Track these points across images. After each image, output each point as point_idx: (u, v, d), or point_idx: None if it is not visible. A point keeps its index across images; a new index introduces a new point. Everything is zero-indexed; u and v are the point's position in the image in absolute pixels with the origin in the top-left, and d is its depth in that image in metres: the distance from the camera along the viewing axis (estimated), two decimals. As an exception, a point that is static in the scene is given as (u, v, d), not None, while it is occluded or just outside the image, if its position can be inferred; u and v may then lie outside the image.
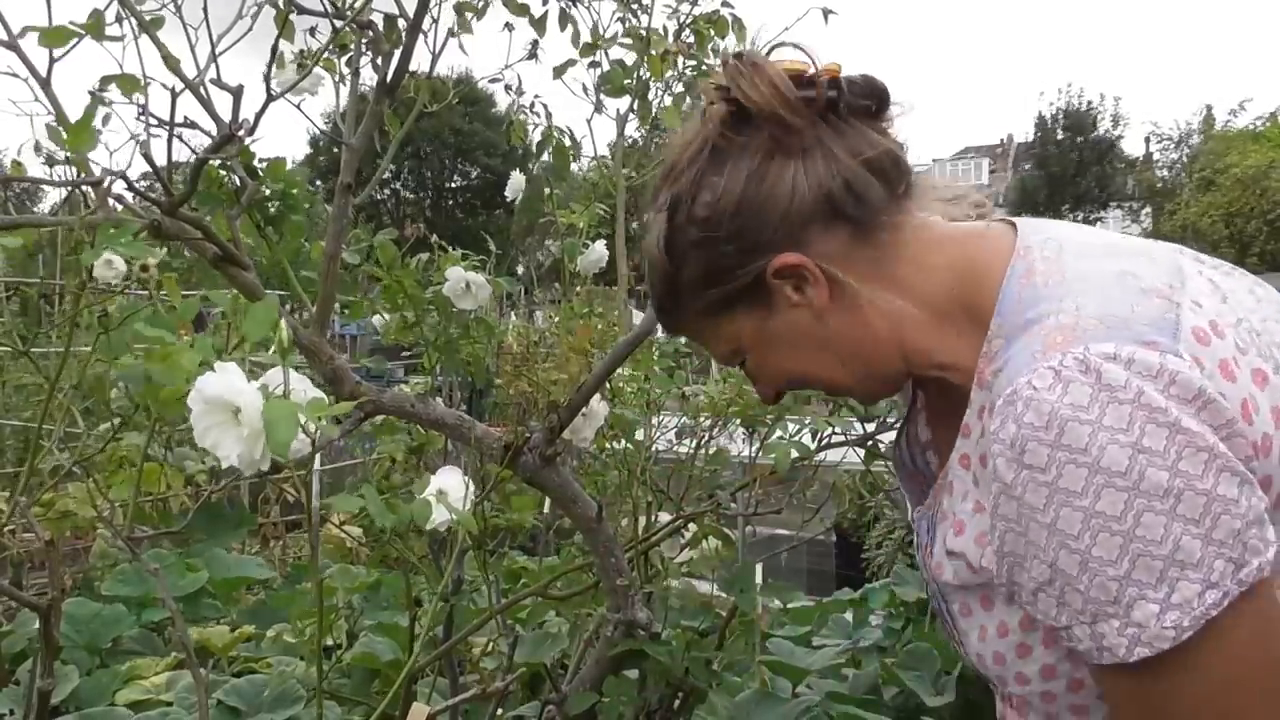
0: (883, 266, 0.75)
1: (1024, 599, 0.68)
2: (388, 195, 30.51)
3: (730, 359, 0.84)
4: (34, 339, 1.41)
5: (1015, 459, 0.63)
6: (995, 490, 0.65)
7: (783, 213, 0.74)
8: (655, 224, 0.80)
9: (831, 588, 3.43)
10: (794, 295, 0.76)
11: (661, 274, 0.80)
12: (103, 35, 1.00)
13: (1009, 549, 0.66)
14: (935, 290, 0.75)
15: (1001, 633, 0.74)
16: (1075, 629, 0.64)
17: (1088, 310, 0.65)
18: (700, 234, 0.76)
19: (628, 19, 1.87)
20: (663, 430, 1.85)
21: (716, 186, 0.75)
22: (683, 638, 1.66)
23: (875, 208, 0.75)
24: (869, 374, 0.79)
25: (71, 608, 2.09)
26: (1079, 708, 0.74)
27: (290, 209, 1.16)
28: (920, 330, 0.76)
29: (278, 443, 0.70)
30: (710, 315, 0.80)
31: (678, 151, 0.79)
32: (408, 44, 1.15)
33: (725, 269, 0.76)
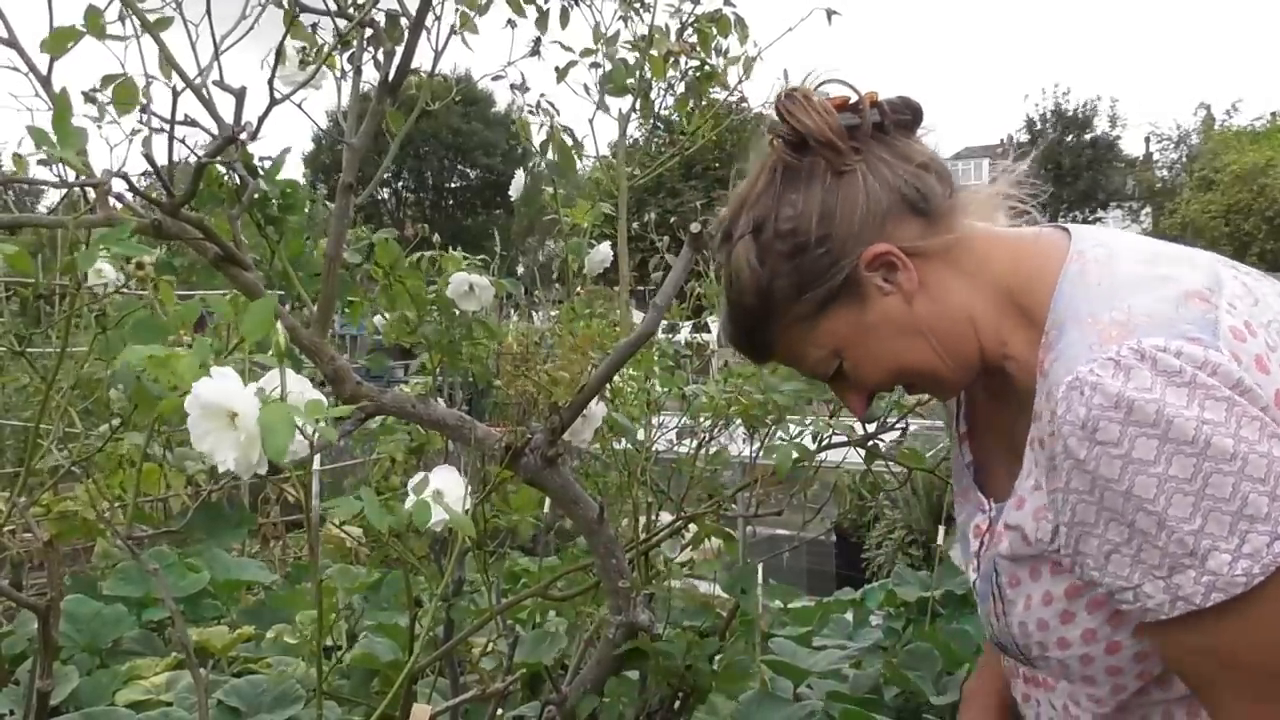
0: (952, 260, 0.83)
1: (1091, 566, 0.74)
2: (388, 195, 30.50)
3: (826, 364, 0.87)
4: (29, 339, 1.41)
5: (1088, 438, 0.70)
6: (1067, 467, 0.72)
7: (862, 212, 0.81)
8: (741, 248, 0.85)
9: (831, 588, 3.43)
10: (885, 285, 0.82)
11: (755, 292, 0.85)
12: (103, 35, 1.00)
13: (1079, 519, 0.73)
14: (995, 287, 0.83)
15: (1046, 600, 0.81)
16: (1147, 585, 0.71)
17: (1138, 309, 0.73)
18: (790, 245, 0.83)
19: (630, 18, 1.87)
20: (663, 431, 1.85)
21: (796, 202, 0.83)
22: (683, 638, 1.66)
23: (938, 205, 0.83)
24: (957, 359, 0.84)
25: (71, 607, 2.09)
26: (1114, 669, 0.80)
27: (289, 209, 1.16)
28: (989, 319, 0.83)
29: (274, 448, 0.70)
30: (807, 321, 0.85)
31: (746, 186, 0.87)
32: (410, 42, 1.15)
33: (818, 271, 0.82)
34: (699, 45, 1.91)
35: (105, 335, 1.15)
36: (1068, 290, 0.78)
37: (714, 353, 2.33)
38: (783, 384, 1.61)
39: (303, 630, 2.09)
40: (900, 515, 4.44)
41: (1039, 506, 0.79)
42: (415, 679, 1.62)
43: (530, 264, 2.82)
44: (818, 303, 0.84)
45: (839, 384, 0.90)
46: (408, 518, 0.96)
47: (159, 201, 1.00)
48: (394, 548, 1.51)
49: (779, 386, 1.60)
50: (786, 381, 1.60)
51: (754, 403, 1.65)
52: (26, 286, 1.91)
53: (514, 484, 1.51)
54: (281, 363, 0.75)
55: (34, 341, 1.66)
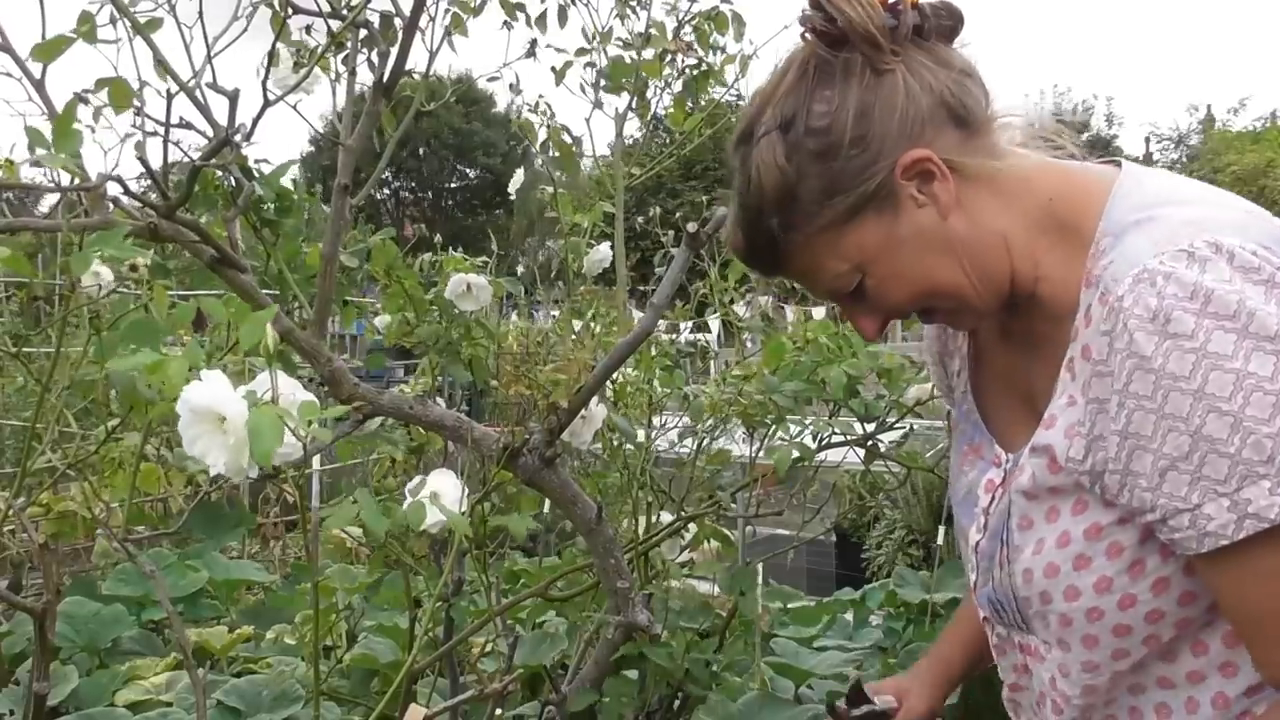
0: (990, 178, 0.77)
1: (1143, 487, 0.68)
2: (387, 195, 30.51)
3: (846, 280, 0.80)
4: (25, 340, 1.40)
5: (1158, 330, 0.65)
6: (1129, 368, 0.67)
7: (901, 115, 0.75)
8: (764, 146, 0.78)
9: (831, 588, 3.43)
10: (919, 195, 0.76)
11: (777, 195, 0.77)
12: (95, 39, 0.99)
13: (1134, 429, 0.67)
14: (1035, 206, 0.77)
15: (1061, 543, 0.76)
16: (1208, 506, 0.65)
17: (1209, 215, 0.70)
18: (821, 143, 0.75)
19: (626, 16, 1.87)
20: (664, 431, 1.85)
21: (830, 99, 0.75)
22: (683, 639, 1.66)
23: (979, 118, 0.77)
24: (986, 283, 0.78)
25: (71, 608, 2.08)
26: (1122, 628, 0.75)
27: (285, 212, 1.15)
28: (1024, 242, 0.78)
29: (260, 453, 0.70)
30: (832, 229, 0.77)
31: (770, 83, 0.79)
32: (404, 43, 1.15)
33: (850, 175, 0.75)
34: (696, 43, 1.91)
35: (100, 337, 1.14)
36: (1123, 201, 0.74)
37: (715, 354, 2.33)
38: (783, 384, 1.60)
39: (302, 630, 2.09)
40: (900, 515, 4.43)
41: (1072, 423, 0.74)
42: (415, 679, 1.61)
43: (530, 264, 2.82)
44: (846, 210, 0.76)
45: (854, 304, 0.83)
46: (404, 520, 0.96)
47: (154, 204, 1.00)
48: (393, 549, 1.51)
49: (779, 387, 1.60)
50: (786, 382, 1.60)
51: (754, 403, 1.65)
52: (23, 288, 1.91)
53: (516, 485, 1.51)
54: (271, 365, 0.75)
55: (31, 342, 1.66)
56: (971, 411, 0.92)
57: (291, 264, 1.23)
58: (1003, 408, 0.89)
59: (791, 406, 1.61)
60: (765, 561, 1.89)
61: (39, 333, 1.73)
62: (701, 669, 1.66)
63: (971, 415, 0.92)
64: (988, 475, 0.87)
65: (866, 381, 1.56)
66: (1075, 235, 0.76)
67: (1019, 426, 0.84)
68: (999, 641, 0.91)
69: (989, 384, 0.91)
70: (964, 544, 0.92)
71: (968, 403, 0.93)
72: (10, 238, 1.37)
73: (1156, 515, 0.69)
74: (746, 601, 1.66)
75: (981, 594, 0.88)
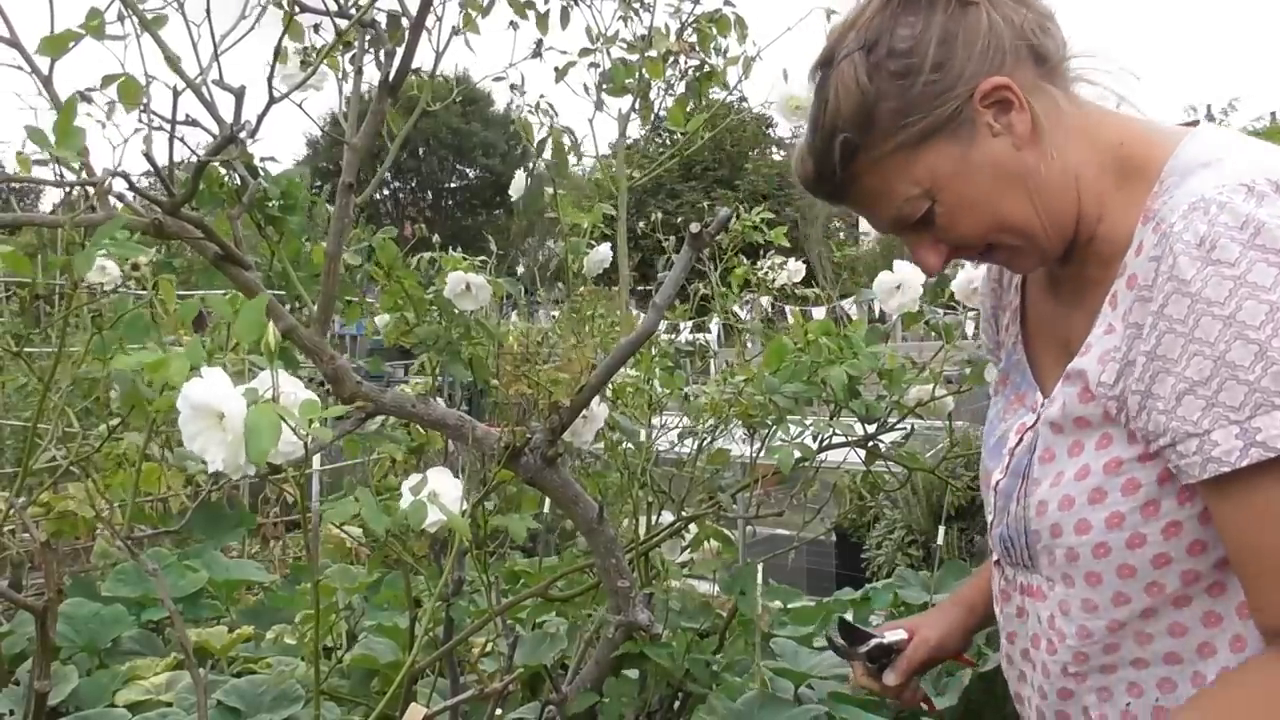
0: (1066, 114, 0.79)
1: (1159, 409, 0.70)
2: (386, 195, 30.50)
3: (915, 206, 0.80)
4: (26, 339, 1.40)
5: (1202, 256, 0.67)
6: (1167, 290, 0.68)
7: (983, 45, 0.76)
8: (845, 67, 0.79)
9: (831, 588, 3.43)
10: (995, 124, 0.77)
11: (855, 113, 0.78)
12: (103, 35, 1.00)
13: (1162, 351, 0.69)
14: (1105, 147, 0.79)
15: (1080, 475, 0.77)
16: (1216, 432, 0.67)
17: (1275, 156, 0.71)
18: (902, 65, 0.77)
19: (629, 18, 1.87)
20: (664, 431, 1.85)
21: (914, 24, 0.77)
22: (683, 639, 1.66)
23: (1058, 58, 0.79)
24: (1054, 221, 0.79)
25: (71, 608, 2.08)
26: (1127, 569, 0.76)
27: (289, 209, 1.16)
28: (1092, 183, 0.79)
29: (257, 451, 0.70)
30: (905, 151, 0.78)
31: (852, 12, 0.81)
32: (410, 42, 1.15)
33: (928, 97, 0.76)
34: (699, 45, 1.91)
35: (101, 335, 1.15)
36: (1193, 145, 0.75)
37: (715, 354, 2.33)
38: (783, 385, 1.60)
39: (302, 630, 2.09)
40: (900, 515, 4.44)
41: (1107, 349, 0.75)
42: (415, 679, 1.62)
43: (530, 264, 2.82)
44: (921, 132, 0.77)
45: (919, 235, 0.83)
46: (404, 519, 0.96)
47: (159, 201, 1.00)
48: (393, 548, 1.51)
49: (779, 387, 1.60)
50: (787, 383, 1.60)
51: (754, 403, 1.65)
52: (25, 287, 1.91)
53: (515, 484, 1.51)
54: (272, 363, 0.76)
55: (32, 341, 1.66)
56: (1021, 362, 0.93)
57: (295, 262, 1.23)
58: (1045, 357, 0.90)
59: (792, 407, 1.61)
60: (765, 561, 1.89)
61: (40, 332, 1.73)
62: (701, 669, 1.66)
63: (1020, 365, 0.93)
64: (1021, 419, 0.88)
65: (867, 382, 1.56)
66: (1141, 177, 0.77)
67: (1056, 374, 0.84)
68: (1004, 585, 0.91)
69: (1034, 336, 0.93)
70: (985, 488, 0.93)
71: (1018, 353, 0.94)
72: (11, 236, 1.38)
73: (1167, 439, 0.70)
74: (746, 601, 1.66)
75: (996, 533, 0.89)
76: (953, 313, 1.65)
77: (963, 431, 3.68)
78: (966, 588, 1.15)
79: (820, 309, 2.26)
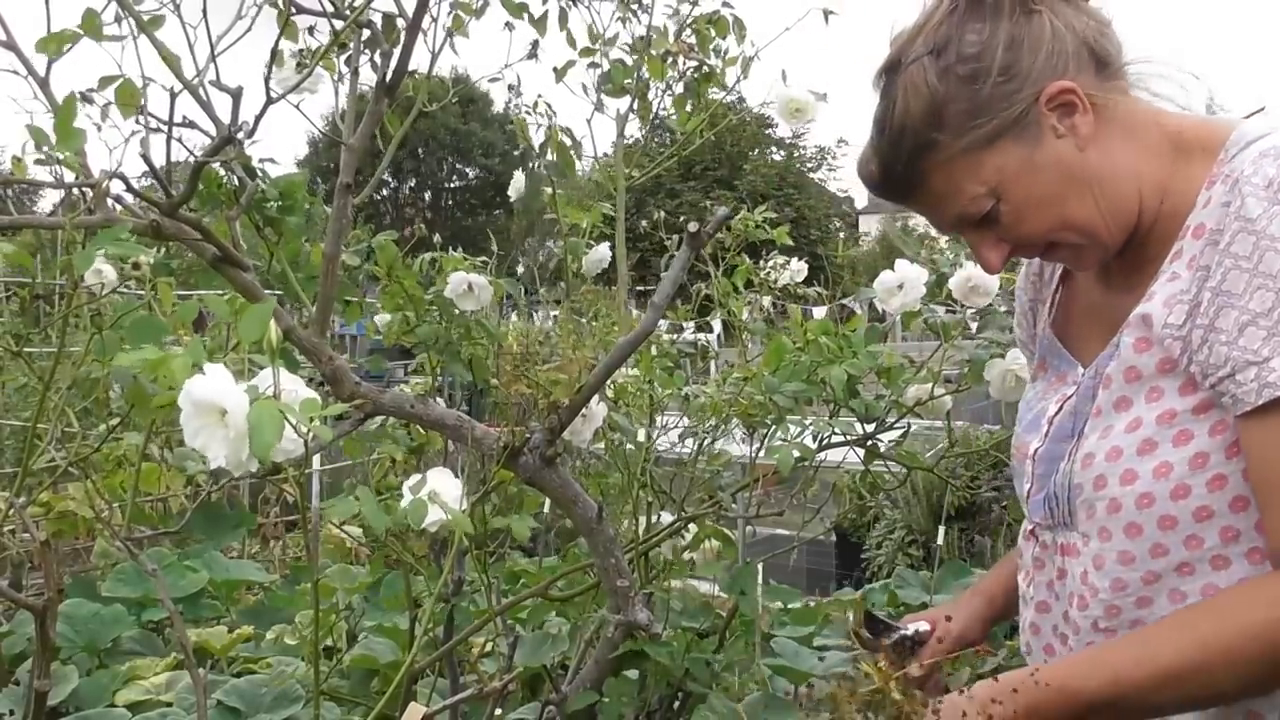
0: (1125, 118, 0.82)
1: (1221, 341, 0.73)
2: (386, 196, 30.50)
3: (980, 204, 0.83)
4: (26, 339, 1.41)
5: (1270, 196, 0.71)
6: (1234, 229, 0.72)
7: (1048, 50, 0.80)
8: (914, 70, 0.82)
9: (831, 588, 3.43)
10: (1060, 126, 0.80)
11: (925, 114, 0.81)
12: (100, 36, 1.00)
13: (1227, 287, 0.73)
14: (1165, 138, 0.83)
15: (1131, 427, 0.80)
16: (1275, 359, 0.70)
17: None
18: (971, 69, 0.80)
19: (628, 19, 1.87)
20: (664, 431, 1.85)
21: (982, 30, 0.80)
22: (683, 639, 1.66)
23: (1119, 63, 0.83)
24: (1116, 219, 0.82)
25: (71, 608, 2.08)
26: (1169, 520, 0.77)
27: (288, 211, 1.16)
28: (1155, 173, 0.82)
29: (260, 446, 0.70)
30: (973, 152, 0.81)
31: (920, 18, 0.84)
32: (407, 43, 1.15)
33: (996, 99, 0.80)
34: (697, 46, 1.91)
35: (101, 335, 1.15)
36: (1256, 121, 0.79)
37: (715, 354, 2.34)
38: (783, 384, 1.61)
39: (302, 630, 2.09)
40: (900, 515, 4.44)
41: (1174, 293, 0.78)
42: (415, 679, 1.62)
43: (530, 264, 2.82)
44: (989, 133, 0.80)
45: (981, 234, 0.86)
46: (404, 518, 0.96)
47: (157, 202, 1.00)
48: (393, 548, 1.51)
49: (779, 387, 1.60)
50: (787, 382, 1.60)
51: (754, 403, 1.65)
52: (25, 287, 1.91)
53: (515, 484, 1.51)
54: (274, 361, 0.76)
55: (32, 341, 1.66)
56: (1054, 343, 0.96)
57: (294, 263, 1.23)
58: (1087, 340, 0.92)
59: (792, 407, 1.61)
60: (765, 561, 1.89)
61: (40, 332, 1.73)
62: (701, 669, 1.66)
63: (1055, 347, 0.96)
64: (1062, 391, 0.91)
65: (866, 381, 1.56)
66: (1204, 152, 0.81)
67: (1100, 349, 0.87)
68: (1040, 553, 0.92)
69: (1075, 323, 0.95)
70: (1019, 461, 0.95)
71: (1048, 336, 0.97)
72: (11, 236, 1.38)
73: (1226, 369, 0.73)
74: (746, 601, 1.66)
75: (1036, 500, 0.91)
76: (952, 312, 1.65)
77: (962, 431, 3.68)
78: (987, 580, 1.16)
79: (821, 308, 2.26)
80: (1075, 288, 0.97)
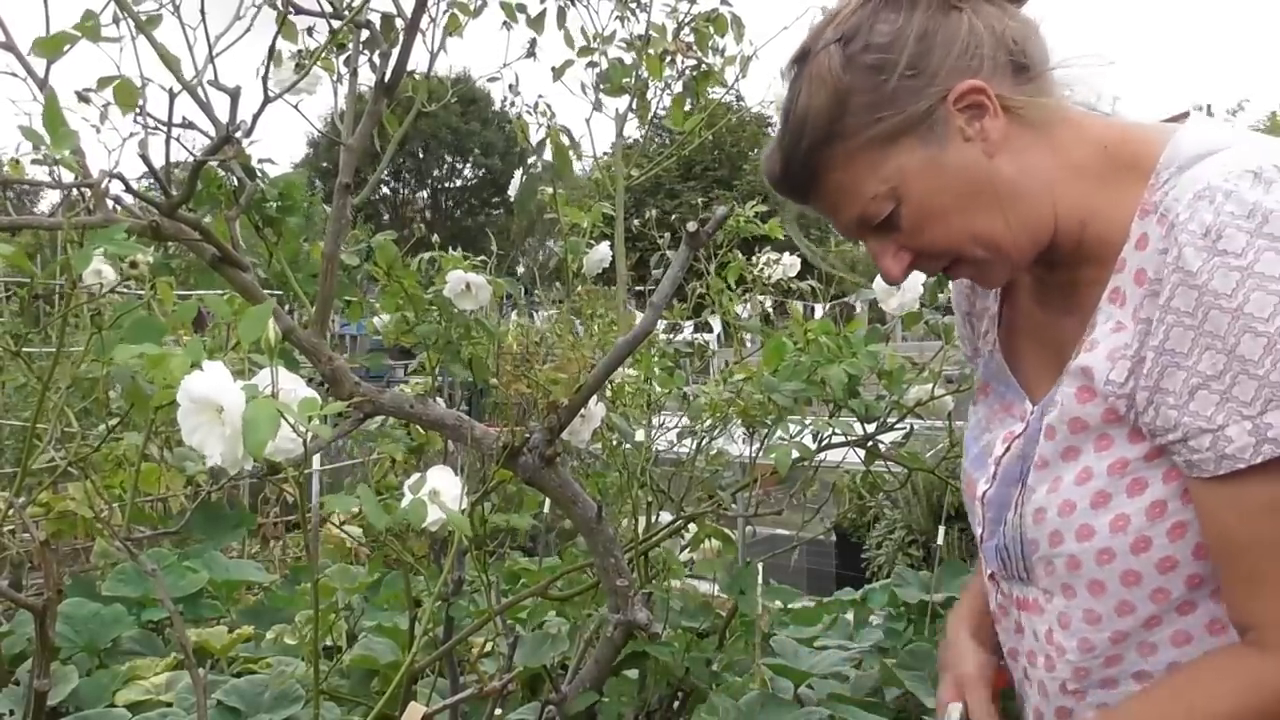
0: (1043, 127, 0.76)
1: (1169, 405, 0.68)
2: (386, 195, 30.49)
3: (880, 205, 0.77)
4: (25, 338, 1.40)
5: (1208, 246, 0.65)
6: (1174, 282, 0.67)
7: (962, 47, 0.75)
8: (821, 58, 0.77)
9: (831, 588, 3.43)
10: (968, 128, 0.75)
11: (827, 104, 0.76)
12: (98, 38, 1.00)
13: (1171, 345, 0.68)
14: (1088, 153, 0.77)
15: (1081, 479, 0.75)
16: (1231, 427, 0.65)
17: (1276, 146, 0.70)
18: (878, 59, 0.75)
19: (626, 18, 1.87)
20: (663, 431, 1.85)
21: (894, 20, 0.76)
22: (683, 638, 1.66)
23: (1040, 67, 0.77)
24: (1025, 232, 0.77)
25: (70, 608, 2.08)
26: (1132, 576, 0.73)
27: (288, 211, 1.16)
28: (1072, 193, 0.76)
29: (254, 443, 0.70)
30: (874, 147, 0.76)
31: (839, 4, 0.79)
32: (405, 43, 1.15)
33: (901, 93, 0.75)
34: (696, 45, 1.91)
35: (100, 335, 1.15)
36: (1188, 138, 0.73)
37: (714, 353, 2.33)
38: (783, 384, 1.61)
39: (302, 630, 2.09)
40: (900, 515, 4.44)
41: (1117, 346, 0.72)
42: (415, 679, 1.62)
43: (530, 264, 2.82)
44: (892, 128, 0.75)
45: (882, 240, 0.80)
46: (405, 517, 0.96)
47: (156, 203, 1.00)
48: (393, 548, 1.51)
49: (779, 386, 1.60)
50: (786, 382, 1.60)
51: (754, 403, 1.65)
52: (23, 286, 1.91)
53: (515, 484, 1.51)
54: (272, 360, 0.76)
55: (32, 341, 1.66)
56: (1003, 369, 0.90)
57: (293, 263, 1.23)
58: (1033, 365, 0.87)
59: (791, 406, 1.61)
60: (765, 561, 1.89)
61: (39, 331, 1.73)
62: (701, 668, 1.66)
63: (1003, 373, 0.90)
64: (1008, 428, 0.86)
65: (867, 382, 1.56)
66: (1132, 173, 0.75)
67: (1047, 382, 0.82)
68: (1001, 601, 0.88)
69: (1020, 344, 0.90)
70: (969, 499, 0.90)
71: (996, 361, 0.92)
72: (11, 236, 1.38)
73: (1178, 434, 0.69)
74: (746, 601, 1.66)
75: (989, 546, 0.86)
76: (952, 313, 1.65)
77: (962, 431, 3.67)
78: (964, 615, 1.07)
79: (821, 306, 2.26)
80: (1016, 304, 0.91)
